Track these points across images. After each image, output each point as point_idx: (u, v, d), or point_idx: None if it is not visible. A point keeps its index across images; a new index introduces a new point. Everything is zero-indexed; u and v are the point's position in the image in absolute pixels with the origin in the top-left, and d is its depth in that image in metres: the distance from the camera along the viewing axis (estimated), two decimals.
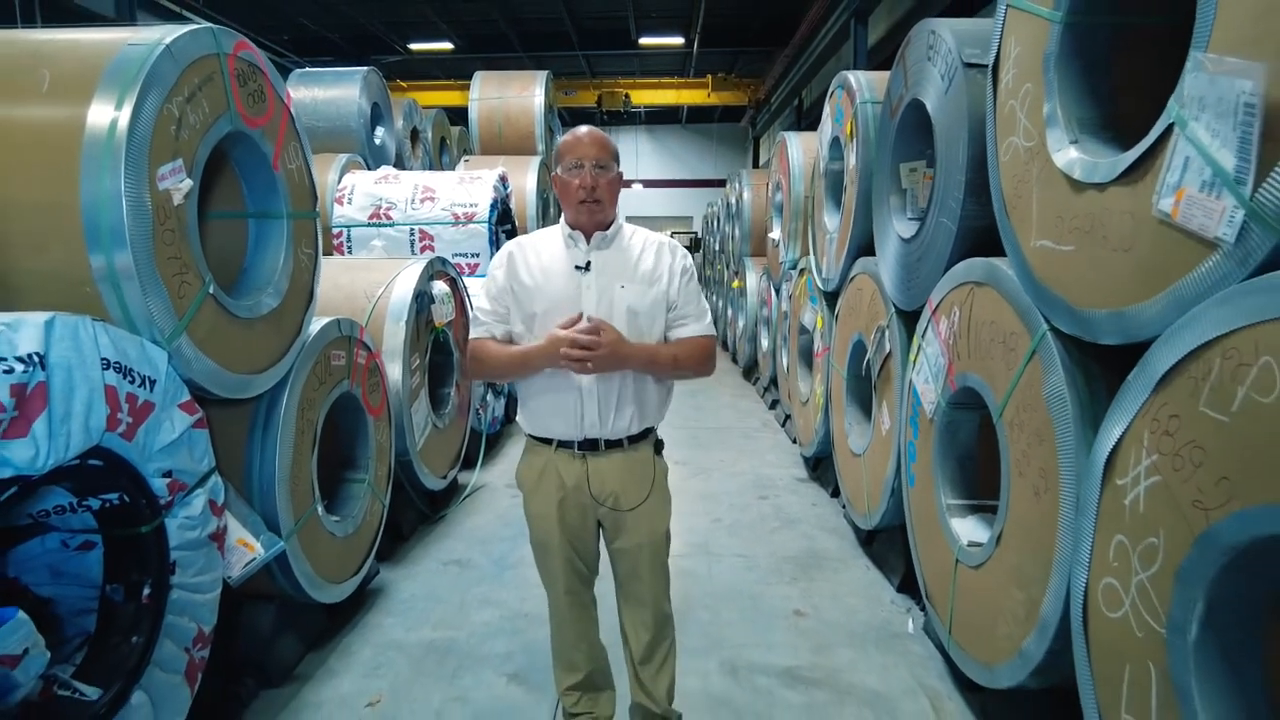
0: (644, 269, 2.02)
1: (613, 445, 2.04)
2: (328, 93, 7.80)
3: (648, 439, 2.11)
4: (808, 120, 16.51)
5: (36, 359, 1.62)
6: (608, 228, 2.03)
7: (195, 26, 2.18)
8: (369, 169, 7.30)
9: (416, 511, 4.19)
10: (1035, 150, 2.07)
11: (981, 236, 2.55)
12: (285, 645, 2.85)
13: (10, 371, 1.55)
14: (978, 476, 2.72)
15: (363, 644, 3.03)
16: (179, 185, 2.07)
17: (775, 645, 3.00)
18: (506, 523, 4.31)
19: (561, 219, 2.07)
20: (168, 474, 2.05)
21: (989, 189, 2.41)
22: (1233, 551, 1.35)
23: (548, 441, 2.07)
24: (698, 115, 24.34)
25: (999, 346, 2.29)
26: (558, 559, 2.13)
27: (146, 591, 2.02)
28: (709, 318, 2.11)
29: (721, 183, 18.75)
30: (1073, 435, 1.90)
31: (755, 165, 22.17)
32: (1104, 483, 1.73)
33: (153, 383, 1.98)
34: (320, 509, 2.92)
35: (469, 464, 5.05)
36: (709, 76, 19.71)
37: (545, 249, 2.06)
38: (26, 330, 1.62)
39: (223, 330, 2.30)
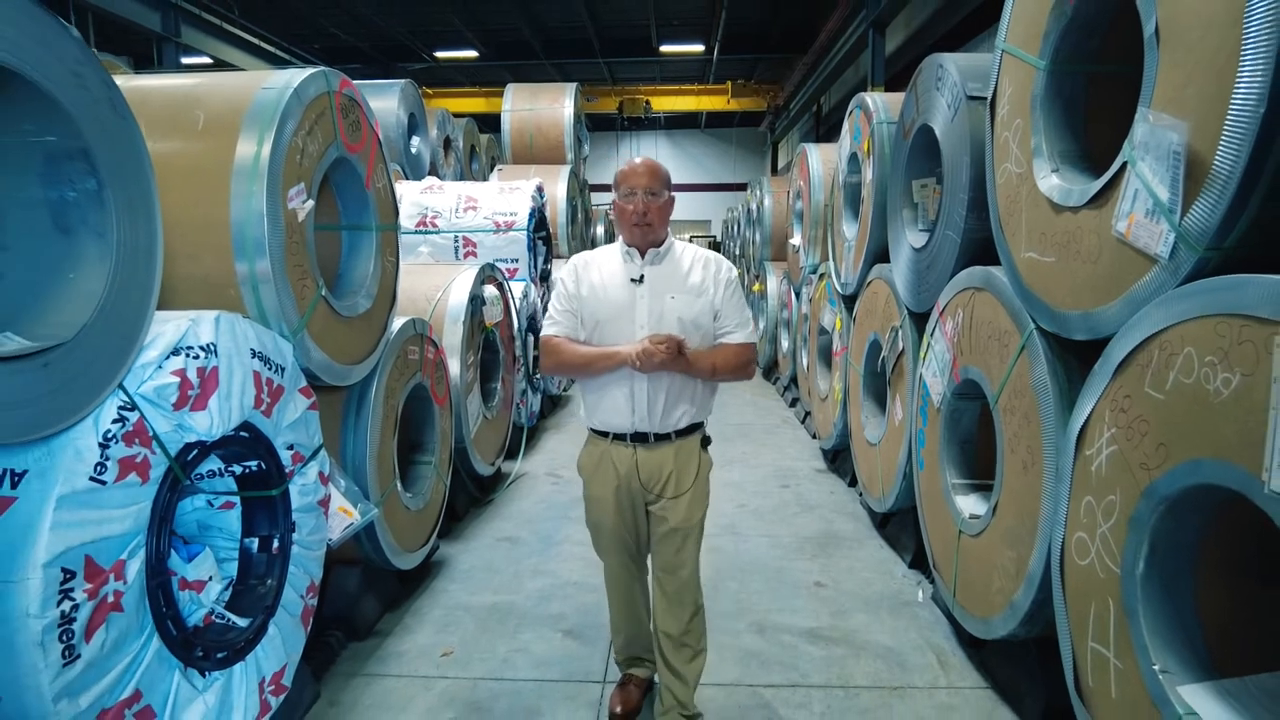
0: (693, 282, 2.28)
1: (661, 438, 2.30)
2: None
3: (695, 433, 2.36)
4: (826, 127, 16.84)
5: (212, 348, 2.02)
6: (660, 245, 2.32)
7: (313, 70, 2.59)
8: (406, 177, 7.72)
9: (468, 494, 4.60)
10: (1024, 176, 2.44)
11: (981, 247, 2.91)
12: (368, 604, 3.25)
13: (197, 357, 1.96)
14: (977, 459, 3.08)
15: (432, 606, 3.44)
16: (303, 205, 2.49)
17: (798, 610, 3.37)
18: (549, 506, 4.71)
19: (618, 238, 2.37)
20: (291, 447, 2.46)
21: (987, 206, 2.77)
22: (1168, 501, 1.72)
23: (605, 434, 2.35)
24: (717, 120, 24.74)
25: (995, 343, 2.66)
26: (610, 538, 2.44)
27: (275, 544, 2.43)
28: (751, 326, 2.35)
29: (740, 187, 19.09)
30: (1053, 416, 2.27)
31: (774, 171, 22.50)
32: (1076, 454, 2.10)
33: (283, 370, 2.39)
34: (399, 485, 3.32)
35: (511, 455, 5.45)
36: (729, 83, 20.09)
37: (606, 264, 2.35)
38: (204, 325, 2.02)
39: (331, 327, 2.71)
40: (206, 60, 12.87)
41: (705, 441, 2.41)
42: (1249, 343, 1.47)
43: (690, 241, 2.52)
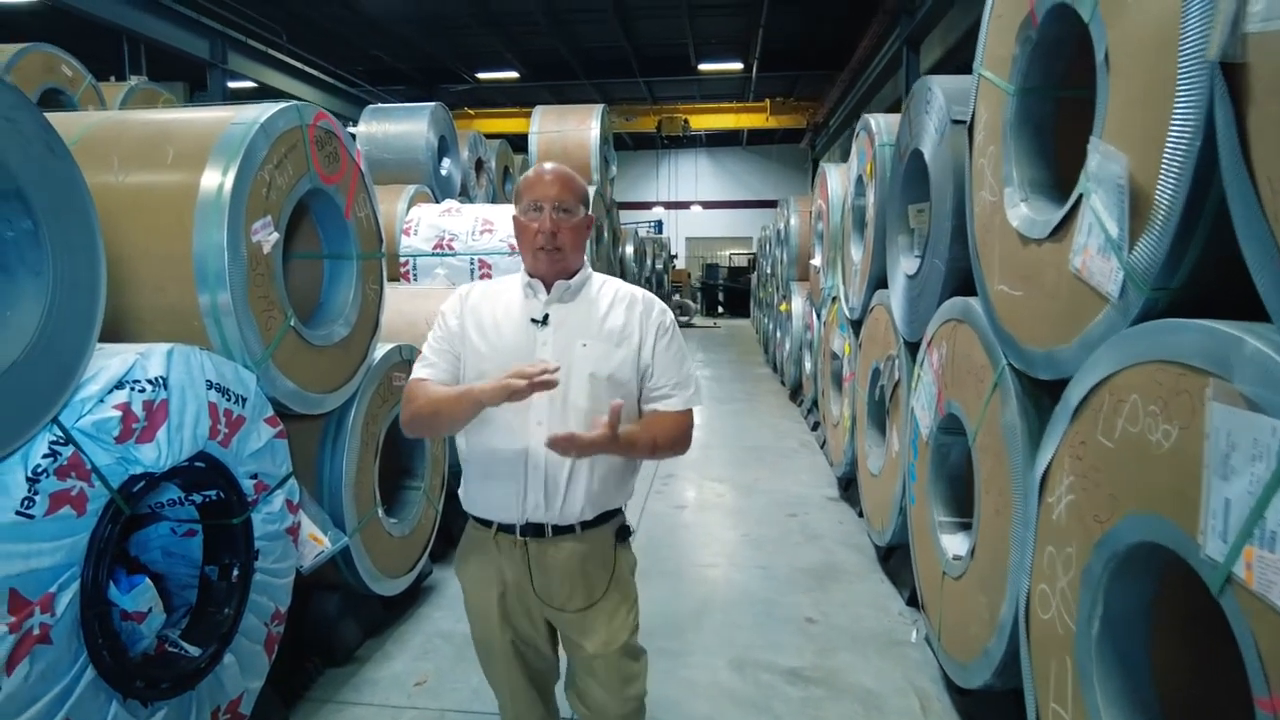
0: (611, 326, 1.76)
1: (562, 531, 1.75)
2: (397, 127, 8.38)
3: (609, 524, 1.81)
4: None
5: (161, 381, 2.05)
6: (571, 277, 1.78)
7: (284, 105, 2.63)
8: (436, 199, 7.83)
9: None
10: (997, 205, 2.34)
11: (966, 277, 2.80)
12: (347, 630, 3.26)
13: (144, 391, 1.99)
14: (967, 496, 2.95)
15: (415, 632, 3.43)
16: (268, 238, 2.52)
17: (783, 647, 3.26)
18: None
19: (521, 267, 1.82)
20: (254, 476, 2.48)
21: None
22: (1118, 556, 1.61)
23: (488, 524, 1.80)
24: (758, 137, 24.66)
25: (972, 378, 2.55)
26: (503, 664, 1.88)
27: (235, 572, 2.44)
28: (694, 387, 1.82)
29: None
30: (1021, 459, 2.15)
31: (813, 188, 22.30)
32: (1040, 500, 1.99)
33: (244, 400, 2.41)
34: (380, 512, 3.33)
35: None
36: (768, 100, 20.01)
37: (502, 297, 1.82)
38: (154, 358, 2.05)
39: (301, 356, 2.73)
40: (252, 85, 13.33)
41: (623, 533, 1.85)
42: (1185, 393, 1.36)
43: (730, 259, 1.94)
